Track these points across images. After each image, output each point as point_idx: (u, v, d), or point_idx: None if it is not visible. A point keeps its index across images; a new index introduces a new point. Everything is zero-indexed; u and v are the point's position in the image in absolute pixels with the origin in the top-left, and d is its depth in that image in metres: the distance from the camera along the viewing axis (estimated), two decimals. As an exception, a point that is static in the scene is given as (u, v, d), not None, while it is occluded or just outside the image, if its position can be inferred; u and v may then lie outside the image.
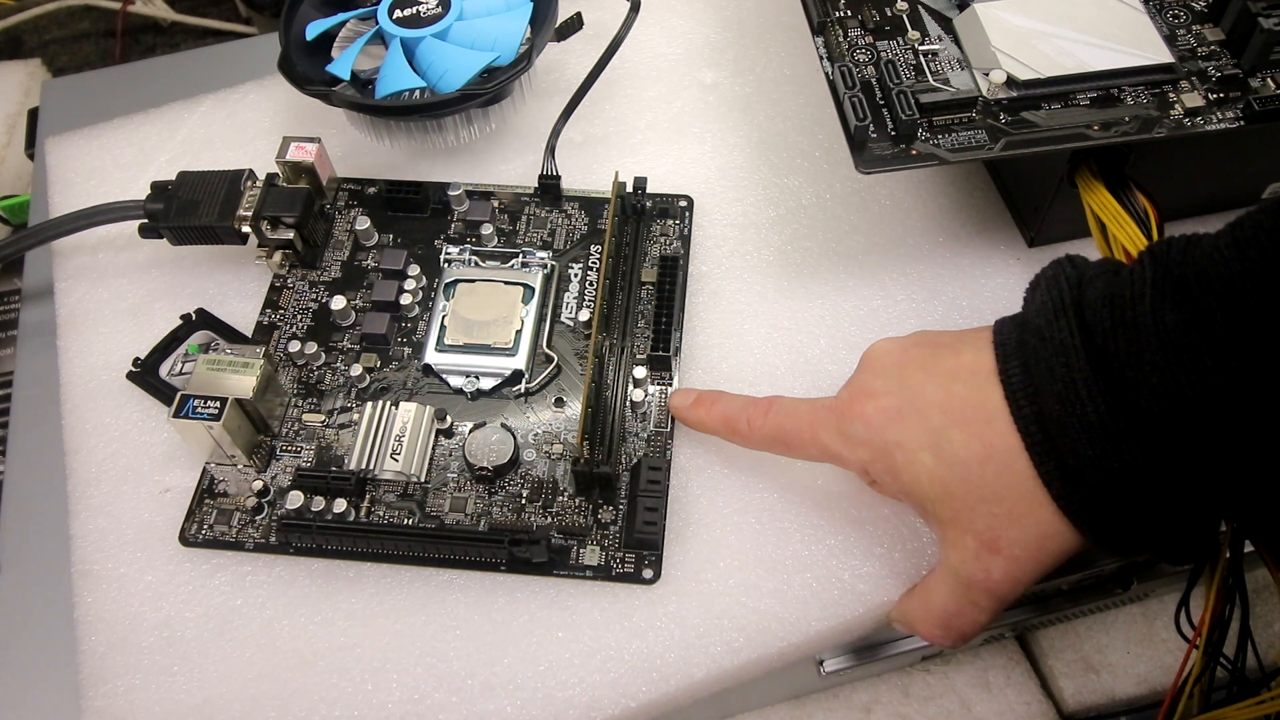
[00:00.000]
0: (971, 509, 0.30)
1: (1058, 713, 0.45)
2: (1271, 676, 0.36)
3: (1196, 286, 0.26)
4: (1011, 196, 0.44)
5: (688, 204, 0.45)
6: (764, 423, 0.35)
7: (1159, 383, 0.26)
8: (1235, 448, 0.26)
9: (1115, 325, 0.27)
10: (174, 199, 0.42)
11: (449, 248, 0.43)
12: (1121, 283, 0.27)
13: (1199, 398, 0.26)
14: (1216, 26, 0.38)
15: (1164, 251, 0.27)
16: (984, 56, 0.38)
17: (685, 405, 0.38)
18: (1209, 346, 0.25)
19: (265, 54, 0.48)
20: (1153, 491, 0.27)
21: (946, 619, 0.31)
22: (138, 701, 0.35)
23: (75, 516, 0.39)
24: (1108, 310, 0.27)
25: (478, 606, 0.36)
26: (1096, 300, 0.28)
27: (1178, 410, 0.26)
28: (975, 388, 0.30)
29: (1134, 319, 0.26)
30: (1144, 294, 0.26)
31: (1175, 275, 0.26)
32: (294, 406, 0.40)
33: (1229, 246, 0.26)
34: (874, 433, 0.31)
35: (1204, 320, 0.25)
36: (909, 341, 0.33)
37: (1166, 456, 0.26)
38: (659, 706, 0.35)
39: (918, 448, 0.30)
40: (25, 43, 1.18)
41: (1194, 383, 0.26)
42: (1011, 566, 0.30)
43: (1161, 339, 0.26)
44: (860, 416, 0.32)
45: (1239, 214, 0.27)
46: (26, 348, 0.46)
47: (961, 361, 0.31)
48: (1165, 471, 0.27)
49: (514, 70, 0.42)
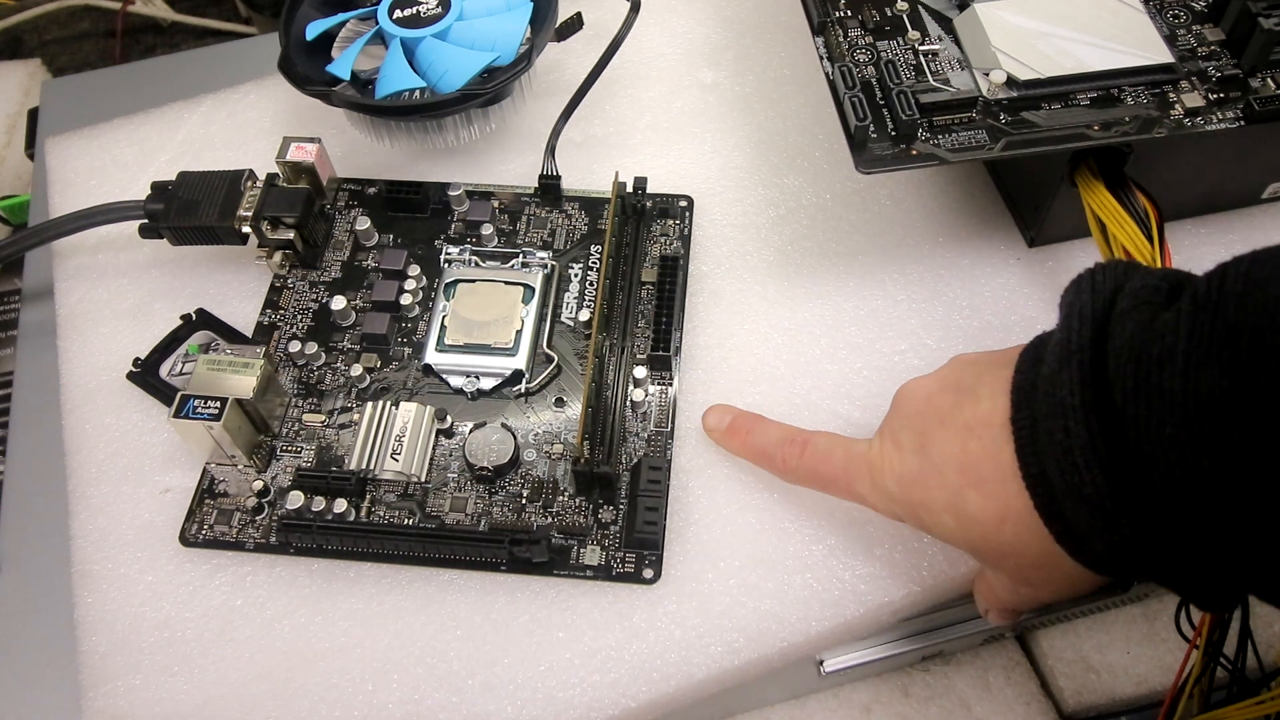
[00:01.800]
0: (998, 561, 0.30)
1: (1058, 713, 0.45)
2: (1271, 676, 0.36)
3: (1250, 350, 0.22)
4: (1011, 196, 0.44)
5: (688, 204, 0.45)
6: (799, 464, 0.35)
7: (1176, 461, 0.23)
8: (1259, 521, 0.23)
9: (1138, 389, 0.24)
10: (174, 199, 0.42)
11: (449, 248, 0.43)
12: (1153, 332, 0.24)
13: (1221, 479, 0.23)
14: (1216, 26, 0.38)
15: (1214, 287, 0.23)
16: (984, 56, 0.38)
17: (719, 428, 0.38)
18: (1245, 426, 0.22)
19: (265, 54, 0.48)
20: (1167, 554, 0.25)
21: (1012, 602, 0.33)
22: (138, 701, 0.35)
23: (75, 516, 0.39)
24: (1132, 367, 0.24)
25: (478, 606, 0.36)
26: (1122, 350, 0.24)
27: (1194, 489, 0.23)
28: (989, 443, 0.28)
29: (1160, 384, 0.23)
30: (1176, 351, 0.23)
31: (1225, 325, 0.23)
32: (294, 406, 0.40)
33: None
34: (902, 491, 0.31)
35: (1248, 395, 0.22)
36: (936, 384, 0.32)
37: (1177, 527, 0.24)
38: (659, 706, 0.35)
39: (940, 509, 0.30)
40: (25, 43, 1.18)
41: (1217, 465, 0.23)
42: (1045, 593, 0.31)
43: (1188, 413, 0.23)
44: (889, 472, 0.32)
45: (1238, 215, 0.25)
46: (26, 348, 0.46)
47: (979, 412, 0.29)
48: (1178, 539, 0.24)
49: (514, 70, 0.42)
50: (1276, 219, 0.43)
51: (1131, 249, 0.35)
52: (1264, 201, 0.43)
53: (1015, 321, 0.41)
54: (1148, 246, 0.34)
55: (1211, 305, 0.23)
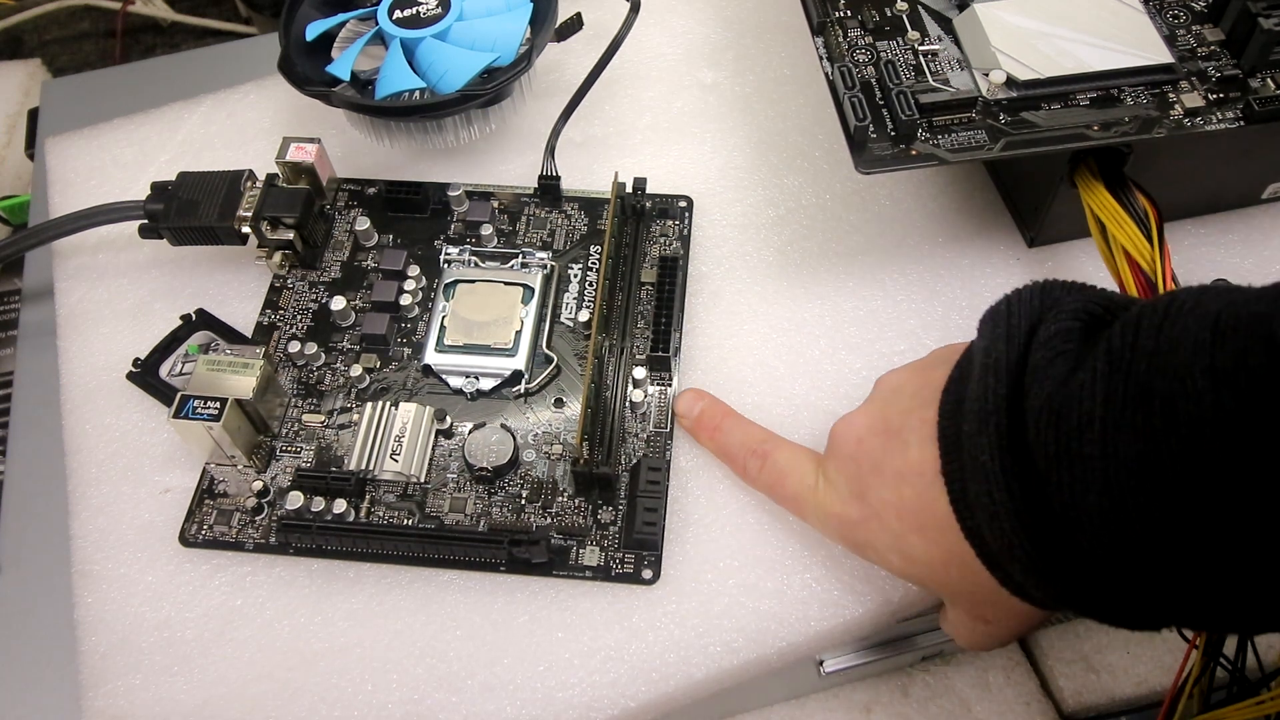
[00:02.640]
0: (951, 597, 0.31)
1: (1058, 713, 0.45)
2: (1271, 676, 0.36)
3: (1162, 417, 0.22)
4: (1011, 196, 0.44)
5: (687, 204, 0.44)
6: (758, 477, 0.36)
7: (1100, 526, 0.23)
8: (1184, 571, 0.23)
9: (1059, 455, 0.24)
10: (174, 199, 0.42)
11: (449, 248, 0.43)
12: (1070, 394, 0.24)
13: (1143, 540, 0.23)
14: (1216, 27, 0.38)
15: (1127, 349, 0.23)
16: (984, 56, 0.38)
17: (689, 417, 0.38)
18: (1161, 492, 0.22)
19: (265, 54, 0.48)
20: (1101, 603, 0.25)
21: (974, 641, 0.33)
22: (138, 702, 0.35)
23: (75, 516, 0.39)
24: (1051, 433, 0.24)
25: (478, 607, 0.36)
26: (1040, 412, 0.24)
27: (1117, 550, 0.23)
28: (922, 490, 0.29)
29: (1080, 449, 0.23)
30: (1094, 417, 0.23)
31: (1138, 388, 0.22)
32: (294, 407, 0.40)
33: (1203, 375, 0.21)
34: (846, 534, 0.33)
35: (1162, 463, 0.22)
36: (865, 425, 0.32)
37: (1106, 584, 0.24)
38: (659, 706, 0.35)
39: (885, 549, 0.31)
40: (25, 43, 1.18)
41: (1138, 529, 0.23)
42: (1005, 629, 0.31)
43: (1108, 479, 0.23)
44: (832, 517, 0.33)
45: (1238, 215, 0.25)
46: (26, 348, 0.46)
47: (909, 461, 0.29)
48: (1108, 592, 0.25)
49: (514, 70, 0.42)
50: (1276, 219, 0.43)
51: (1131, 249, 0.35)
52: (1264, 201, 0.43)
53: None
54: (1147, 247, 0.34)
55: (1125, 365, 0.23)
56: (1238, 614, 0.24)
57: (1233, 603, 0.23)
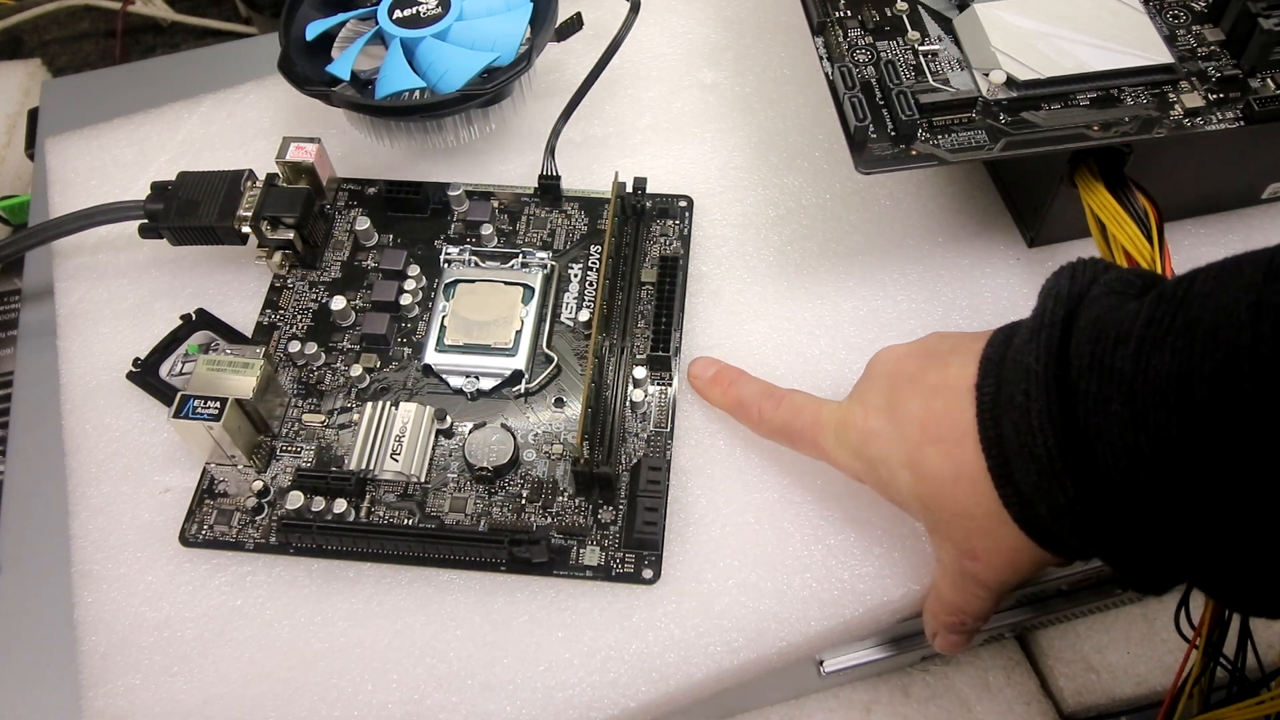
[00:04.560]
0: (948, 522, 0.31)
1: (1058, 713, 0.45)
2: (1271, 676, 0.36)
3: (1204, 341, 0.23)
4: (1011, 196, 0.44)
5: (688, 204, 0.44)
6: (773, 416, 0.36)
7: (1118, 436, 0.24)
8: (1189, 508, 0.24)
9: (1092, 364, 0.25)
10: (174, 199, 0.42)
11: (449, 248, 0.43)
12: (1116, 316, 0.25)
13: (1157, 461, 0.24)
14: (1216, 27, 0.38)
15: (1183, 288, 0.24)
16: (984, 57, 0.38)
17: (704, 378, 0.39)
18: (1184, 412, 0.23)
19: (265, 54, 0.48)
20: (1105, 527, 0.26)
21: (956, 608, 0.33)
22: (138, 701, 0.35)
23: (75, 516, 0.39)
24: (1089, 345, 0.25)
25: (478, 606, 0.36)
26: (1084, 329, 0.26)
27: (1131, 467, 0.24)
28: (953, 404, 0.29)
29: (1111, 363, 0.24)
30: (1130, 335, 0.24)
31: (1186, 318, 0.24)
32: (294, 407, 0.40)
33: (1248, 309, 0.22)
34: (864, 446, 0.32)
35: (1192, 381, 0.23)
36: (909, 350, 0.33)
37: (1116, 501, 0.25)
38: (659, 706, 0.35)
39: (898, 464, 0.31)
40: (25, 43, 1.18)
41: (1154, 447, 0.24)
42: (990, 571, 0.31)
43: (1133, 392, 0.24)
44: (853, 428, 0.33)
45: (1238, 215, 0.25)
46: (26, 348, 0.46)
47: (946, 375, 0.30)
48: (1116, 513, 0.25)
49: (514, 70, 0.42)
50: (1276, 219, 0.43)
51: (1131, 249, 0.35)
52: (1264, 201, 0.43)
53: None
54: (1147, 247, 0.34)
55: (1176, 300, 0.24)
56: (1239, 569, 0.24)
57: (1237, 554, 0.24)
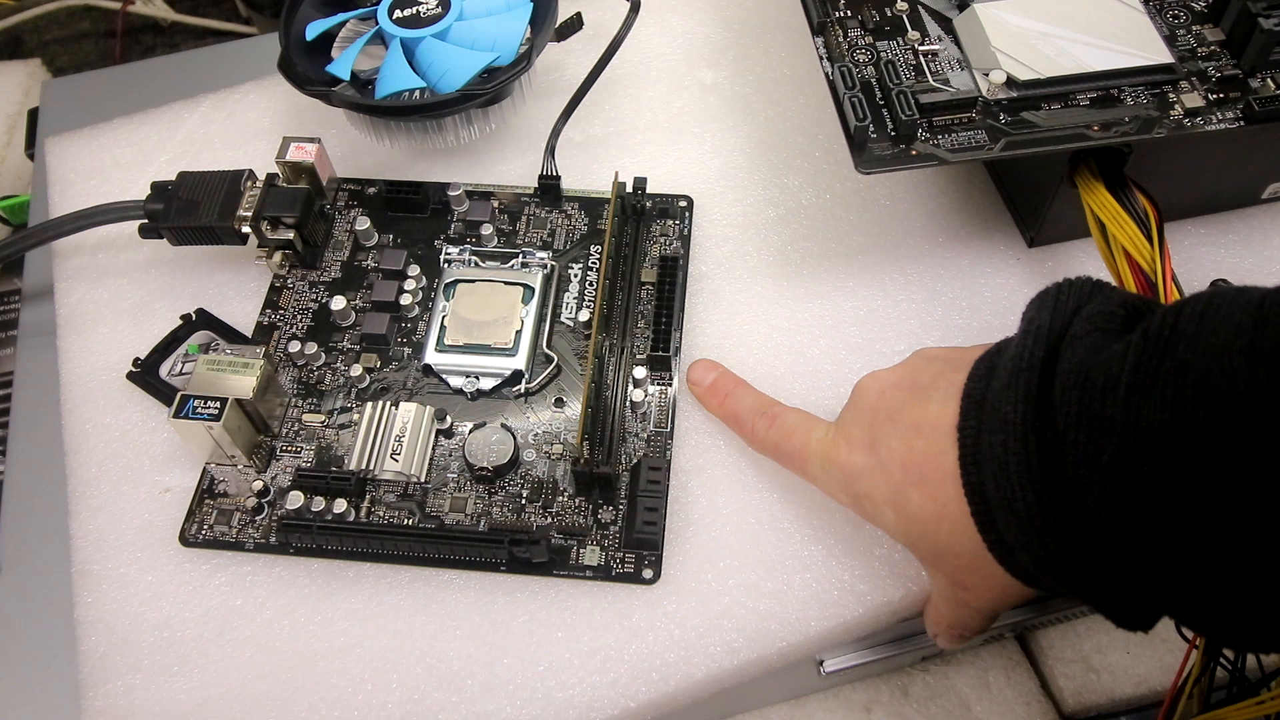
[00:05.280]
0: (935, 559, 0.31)
1: (1058, 713, 0.45)
2: (1271, 676, 0.36)
3: (1194, 389, 0.22)
4: (1011, 196, 0.44)
5: (688, 204, 0.44)
6: (765, 436, 0.36)
7: (1110, 488, 0.23)
8: (1183, 556, 0.23)
9: (1080, 414, 0.24)
10: (174, 199, 0.42)
11: (449, 248, 0.43)
12: (1101, 360, 0.24)
13: (1150, 511, 0.23)
14: (1216, 27, 0.38)
15: (1168, 325, 0.23)
16: (984, 56, 0.38)
17: (702, 385, 0.39)
18: (1179, 462, 0.22)
19: (265, 54, 0.47)
20: (1090, 574, 0.25)
21: (953, 624, 0.33)
22: (138, 701, 0.35)
23: (75, 516, 0.39)
24: (1076, 392, 0.24)
25: (478, 606, 0.36)
26: (1069, 374, 0.25)
27: (1123, 518, 0.24)
28: (934, 444, 0.29)
29: (1100, 411, 0.24)
30: (1119, 381, 0.23)
31: (1174, 362, 0.23)
32: (294, 406, 0.40)
33: (1241, 354, 0.22)
34: (847, 482, 0.32)
35: (1186, 432, 0.22)
36: (892, 380, 0.32)
37: (1103, 549, 0.25)
38: (659, 706, 0.35)
39: (881, 502, 0.31)
40: (25, 43, 1.18)
41: (1148, 497, 0.23)
42: (981, 600, 0.31)
43: (1125, 443, 0.23)
44: (837, 464, 0.33)
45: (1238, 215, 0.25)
46: (26, 348, 0.46)
47: (928, 413, 0.30)
48: (1102, 560, 0.25)
49: (514, 70, 0.42)
50: (1276, 219, 0.43)
51: (1131, 249, 0.35)
52: (1264, 201, 0.43)
53: (1015, 322, 0.40)
54: (1147, 247, 0.34)
55: (1162, 341, 0.23)
56: (1233, 609, 0.24)
57: (1229, 597, 0.23)
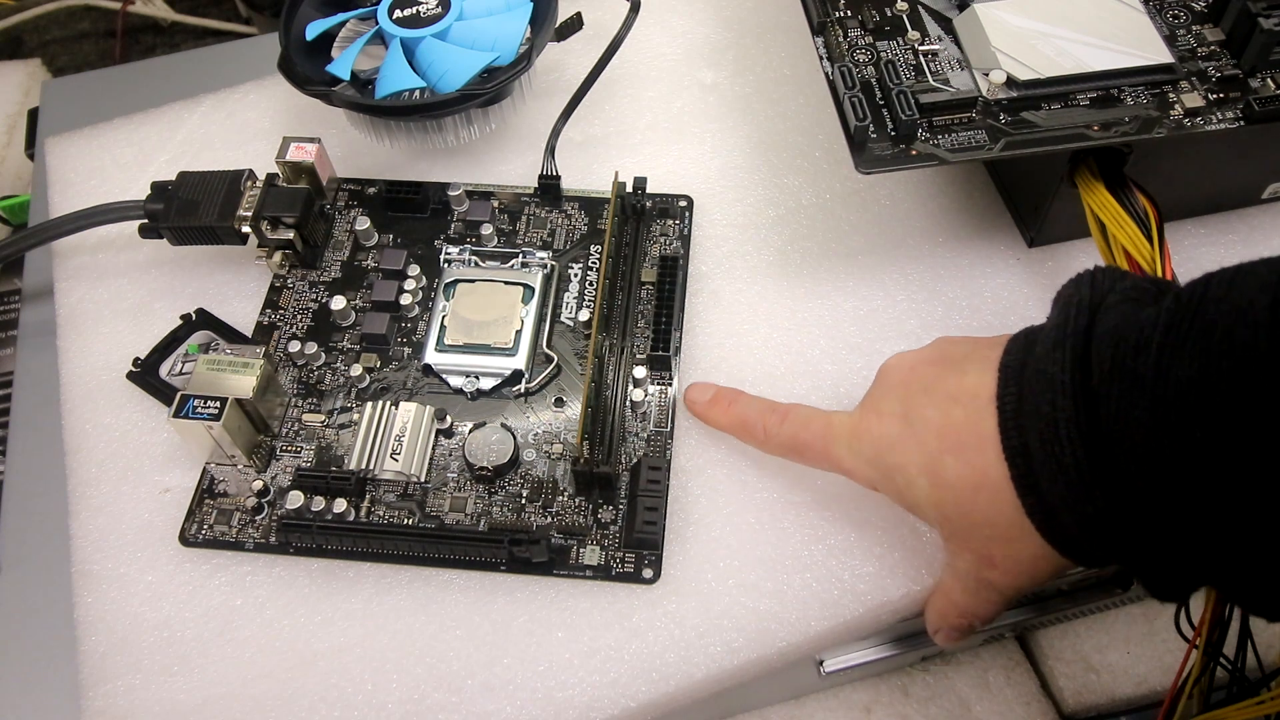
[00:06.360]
0: (967, 531, 0.31)
1: (1058, 713, 0.45)
2: (1271, 676, 0.36)
3: (1220, 343, 0.23)
4: (1011, 196, 0.44)
5: (688, 204, 0.44)
6: (779, 431, 0.36)
7: (1141, 441, 0.24)
8: (1214, 514, 0.24)
9: (1114, 371, 0.25)
10: (174, 199, 0.42)
11: (449, 248, 0.43)
12: (1134, 322, 0.26)
13: (1181, 464, 0.24)
14: (1216, 26, 0.38)
15: (1198, 293, 0.25)
16: (984, 56, 0.38)
17: (702, 401, 0.38)
18: (1206, 414, 0.23)
19: (265, 54, 0.47)
20: (1130, 536, 0.26)
21: (966, 611, 0.33)
22: (138, 701, 0.35)
23: (75, 516, 0.39)
24: (1110, 351, 0.26)
25: (478, 606, 0.36)
26: (1104, 335, 0.26)
27: (1156, 471, 0.25)
28: (973, 413, 0.29)
29: (1133, 368, 0.25)
30: (1151, 341, 0.25)
31: (1203, 322, 0.24)
32: (294, 406, 0.40)
33: (1266, 309, 0.23)
34: (879, 454, 0.32)
35: (1212, 383, 0.23)
36: (921, 357, 0.33)
37: (1142, 508, 0.25)
38: (659, 706, 0.35)
39: (916, 472, 0.31)
40: (25, 43, 1.18)
41: (1178, 450, 0.24)
42: (1007, 577, 0.31)
43: (1156, 396, 0.24)
44: (867, 437, 0.33)
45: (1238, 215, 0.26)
46: (26, 348, 0.46)
47: (964, 383, 0.30)
48: (1141, 521, 0.26)
49: (514, 70, 0.42)
50: (1276, 219, 0.43)
51: (1131, 249, 0.35)
52: (1264, 201, 0.43)
53: (1015, 322, 0.41)
54: (1147, 247, 0.34)
55: (1192, 305, 0.25)
56: (1264, 573, 0.24)
57: (1262, 557, 0.24)
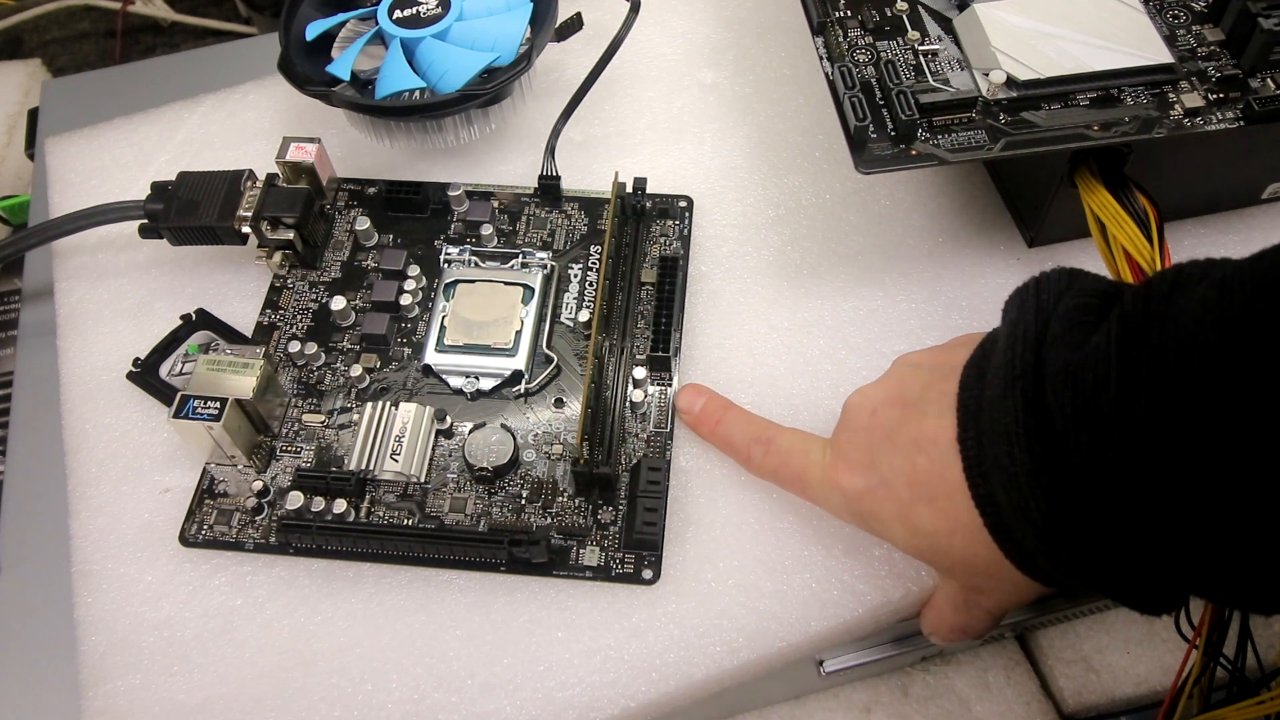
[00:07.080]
0: (949, 569, 0.31)
1: (1058, 713, 0.45)
2: (1271, 676, 0.36)
3: (1176, 366, 0.23)
4: (1011, 196, 0.44)
5: (687, 204, 0.44)
6: (763, 462, 0.36)
7: (1120, 482, 0.24)
8: (1196, 532, 0.24)
9: (1077, 417, 0.24)
10: (174, 199, 0.42)
11: (449, 248, 0.43)
12: (1086, 357, 0.24)
13: (1158, 495, 0.23)
14: (1216, 26, 0.38)
15: (1139, 314, 0.24)
16: (984, 56, 0.38)
17: (691, 413, 0.39)
18: (1177, 443, 0.23)
19: (265, 54, 0.48)
20: (1108, 567, 0.26)
21: (958, 628, 0.34)
22: (138, 701, 0.35)
23: (75, 516, 0.39)
24: (1070, 394, 0.24)
25: (477, 607, 0.36)
26: (1058, 375, 0.25)
27: (1132, 508, 0.24)
28: (936, 460, 0.29)
29: (1097, 410, 0.24)
30: (1108, 378, 0.24)
31: (1150, 348, 0.23)
32: (294, 407, 0.40)
33: (1214, 327, 0.22)
34: (851, 504, 0.33)
35: (1176, 407, 0.23)
36: (881, 396, 0.32)
37: (1117, 544, 0.25)
38: (659, 706, 0.35)
39: (890, 519, 0.31)
40: (25, 43, 1.18)
41: (1154, 482, 0.23)
42: (995, 600, 0.31)
43: (1126, 436, 0.23)
44: (840, 488, 0.33)
45: (1238, 215, 0.26)
46: (26, 348, 0.46)
47: (925, 429, 0.29)
48: (1118, 554, 0.25)
49: (514, 70, 0.42)
50: (1276, 219, 0.43)
51: (1131, 249, 0.35)
52: (1264, 201, 0.43)
53: None
54: (1147, 247, 0.34)
55: (1138, 327, 0.24)
56: (1248, 577, 0.24)
57: (1244, 562, 0.24)
